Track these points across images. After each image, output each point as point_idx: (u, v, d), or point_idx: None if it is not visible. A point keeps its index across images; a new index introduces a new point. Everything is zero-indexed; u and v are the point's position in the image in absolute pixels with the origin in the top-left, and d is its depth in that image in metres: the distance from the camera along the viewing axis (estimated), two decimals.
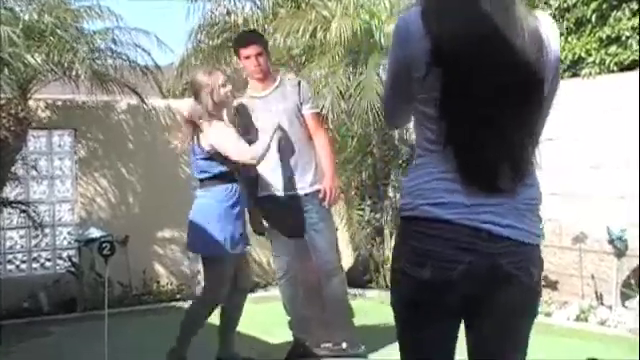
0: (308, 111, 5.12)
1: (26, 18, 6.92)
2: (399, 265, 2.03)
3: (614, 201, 6.35)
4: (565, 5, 7.19)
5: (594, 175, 6.52)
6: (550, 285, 6.66)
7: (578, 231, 6.55)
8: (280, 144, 5.00)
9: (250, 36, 5.39)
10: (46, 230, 7.67)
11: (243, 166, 4.78)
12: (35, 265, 7.72)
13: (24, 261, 7.68)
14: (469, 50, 1.85)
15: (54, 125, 7.74)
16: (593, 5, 6.92)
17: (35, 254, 7.73)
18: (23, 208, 7.24)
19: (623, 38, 6.74)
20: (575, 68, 7.00)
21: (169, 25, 14.95)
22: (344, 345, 5.25)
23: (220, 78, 4.65)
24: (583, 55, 6.95)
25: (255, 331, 6.01)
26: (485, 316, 2.00)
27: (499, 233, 1.90)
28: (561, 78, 2.04)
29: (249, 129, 4.98)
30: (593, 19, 6.93)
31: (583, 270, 6.61)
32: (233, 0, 9.30)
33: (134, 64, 7.46)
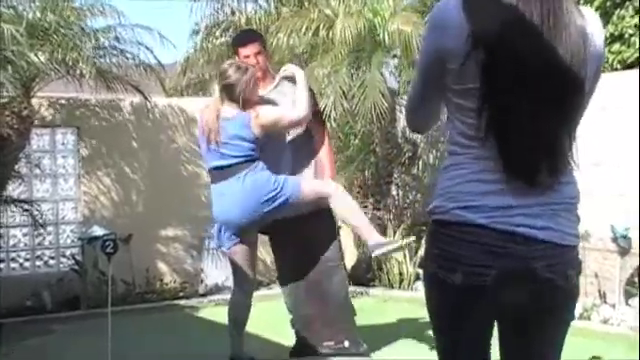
0: None
1: (30, 17, 6.93)
2: (431, 270, 1.98)
3: (617, 199, 6.34)
4: None
5: (597, 173, 6.51)
6: None
7: (582, 229, 6.53)
8: (282, 141, 5.01)
9: (249, 35, 5.42)
10: (49, 228, 7.69)
11: None
12: (38, 263, 7.74)
13: (27, 259, 7.70)
14: (513, 38, 1.80)
15: (57, 123, 7.76)
16: (596, 3, 6.92)
17: (38, 252, 7.75)
18: (26, 207, 7.26)
19: (626, 36, 6.74)
20: None
21: (172, 23, 14.96)
22: (346, 343, 5.23)
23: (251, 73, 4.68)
24: None
25: (260, 330, 6.02)
26: (520, 321, 1.96)
27: (534, 236, 1.85)
28: None
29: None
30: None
31: (586, 268, 6.59)
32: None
33: (137, 62, 7.46)
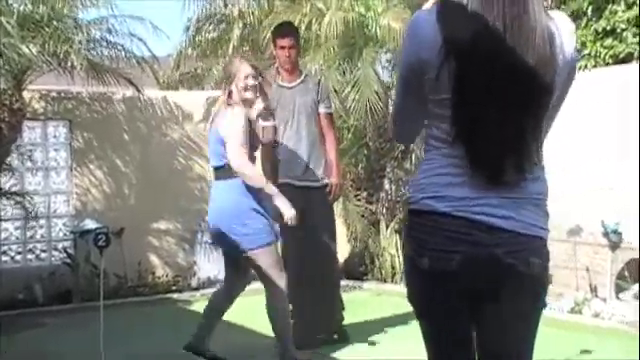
0: (323, 110, 5.36)
1: (21, 9, 6.90)
2: (407, 255, 2.14)
3: (608, 193, 6.36)
4: None
5: (587, 168, 6.53)
6: None
7: (573, 224, 6.57)
8: (300, 135, 5.21)
9: (288, 28, 5.59)
10: (41, 221, 7.67)
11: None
12: (30, 256, 7.72)
13: (19, 252, 7.68)
14: (481, 47, 1.89)
15: (49, 116, 7.73)
16: None
17: (30, 245, 7.73)
18: (18, 199, 7.23)
19: (618, 30, 6.75)
20: None
21: (165, 16, 14.92)
22: (335, 336, 5.32)
23: (242, 68, 4.56)
24: (579, 47, 6.95)
25: (252, 323, 6.02)
26: (488, 308, 2.04)
27: (496, 224, 1.94)
28: None
29: (274, 116, 5.17)
30: (589, 12, 6.94)
31: (577, 262, 6.63)
32: None
33: (130, 54, 7.43)
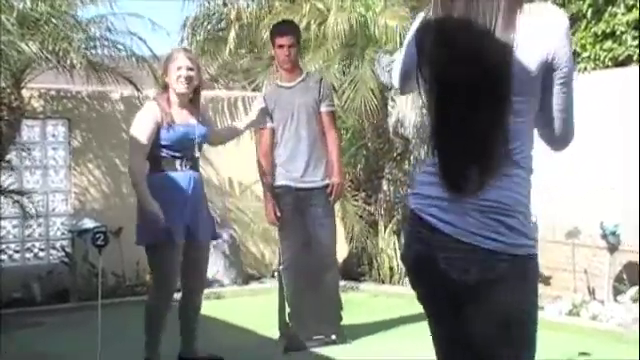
0: (325, 108, 5.29)
1: (20, 7, 6.88)
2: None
3: (608, 194, 6.36)
4: (561, 0, 7.20)
5: (586, 169, 6.53)
6: (543, 280, 6.68)
7: (571, 226, 6.57)
8: (300, 136, 5.18)
9: (287, 27, 5.52)
10: (39, 220, 7.66)
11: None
12: (28, 255, 7.71)
13: (17, 251, 7.67)
14: (441, 50, 1.96)
15: (48, 115, 7.72)
16: (589, 0, 6.93)
17: (28, 244, 7.72)
18: (16, 198, 7.22)
19: (618, 33, 6.75)
20: None
21: (165, 14, 14.94)
22: (333, 337, 5.32)
23: (176, 60, 4.49)
24: (578, 50, 6.96)
25: (250, 323, 6.02)
26: (462, 307, 2.05)
27: (438, 227, 1.98)
28: None
29: (271, 118, 5.23)
30: (588, 14, 6.94)
31: (576, 265, 6.63)
32: None
33: (129, 53, 7.42)
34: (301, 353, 5.14)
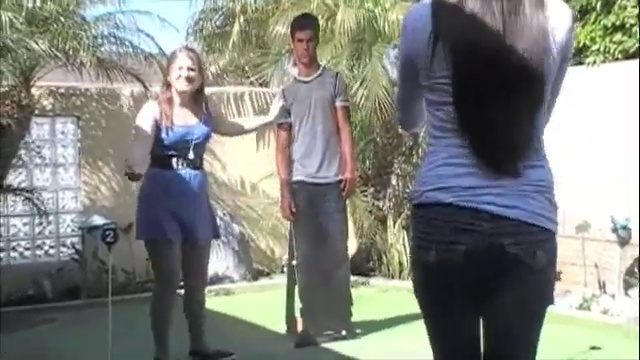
0: (340, 103, 5.31)
1: (29, 5, 6.90)
2: (412, 251, 2.14)
3: (617, 189, 6.33)
4: None
5: (597, 162, 6.51)
6: None
7: (581, 220, 6.55)
8: (316, 131, 5.20)
9: (307, 21, 5.52)
10: (50, 217, 7.68)
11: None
12: (39, 252, 7.74)
13: (28, 248, 7.70)
14: (475, 35, 1.92)
15: (57, 112, 7.74)
16: None
17: (39, 241, 7.75)
18: (27, 195, 7.24)
19: (628, 26, 6.71)
20: (580, 56, 6.97)
21: (173, 12, 14.96)
22: (343, 332, 5.33)
23: (181, 61, 4.48)
24: (588, 43, 6.92)
25: (259, 319, 6.03)
26: (493, 303, 2.02)
27: (501, 213, 1.92)
28: None
29: (290, 113, 5.26)
30: (598, 7, 6.90)
31: (586, 259, 6.61)
32: None
33: (138, 50, 7.43)
34: (312, 348, 5.15)
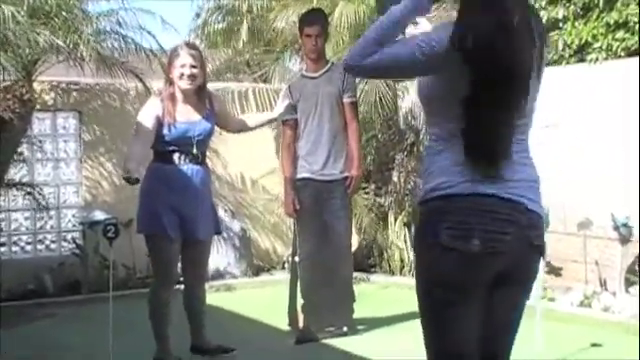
0: (348, 99, 5.28)
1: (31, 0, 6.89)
2: (437, 241, 2.06)
3: (619, 187, 6.32)
4: None
5: (600, 161, 6.50)
6: (554, 271, 6.66)
7: (583, 217, 6.54)
8: (322, 128, 5.18)
9: (316, 16, 5.50)
10: (51, 212, 7.69)
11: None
12: (40, 247, 7.75)
13: (29, 243, 7.71)
14: (491, 47, 2.00)
15: (59, 107, 7.74)
16: None
17: (40, 236, 7.76)
18: (28, 190, 7.25)
19: (631, 23, 6.70)
20: (582, 53, 6.95)
21: (174, 7, 14.94)
22: (345, 329, 5.33)
23: (183, 59, 4.46)
24: (590, 40, 6.90)
25: (260, 315, 6.03)
26: (502, 292, 2.11)
27: (530, 207, 2.06)
28: (567, 63, 2.13)
29: (296, 109, 5.24)
30: (600, 4, 6.88)
31: (587, 256, 6.61)
32: None
33: (139, 47, 7.43)
34: (313, 344, 5.15)
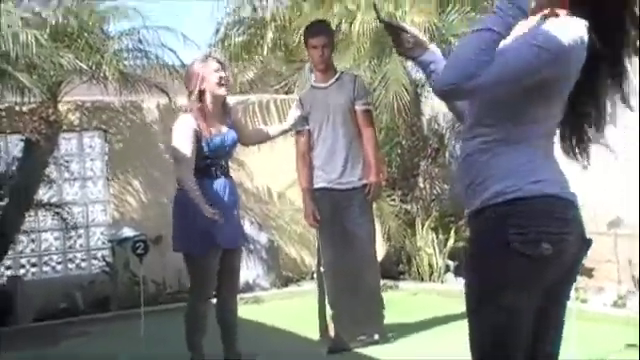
0: (360, 107, 5.27)
1: (53, 22, 6.99)
2: (506, 246, 2.00)
3: None
4: None
5: (627, 158, 6.42)
6: (585, 272, 6.58)
7: (613, 215, 6.46)
8: (336, 136, 5.19)
9: (320, 27, 5.49)
10: (80, 231, 7.76)
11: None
12: (70, 266, 7.82)
13: (59, 262, 7.78)
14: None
15: (84, 127, 7.82)
16: None
17: (70, 255, 7.83)
18: (57, 210, 7.33)
19: None
20: None
21: (194, 22, 15.02)
22: (376, 337, 5.30)
23: (213, 65, 4.54)
24: None
25: (289, 325, 6.03)
26: (561, 286, 2.15)
27: (576, 202, 2.09)
28: None
29: (307, 120, 5.24)
30: None
31: (619, 255, 6.53)
32: None
33: (161, 63, 7.49)
34: (345, 354, 5.14)
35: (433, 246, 7.59)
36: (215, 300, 4.78)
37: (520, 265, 2.00)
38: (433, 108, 8.12)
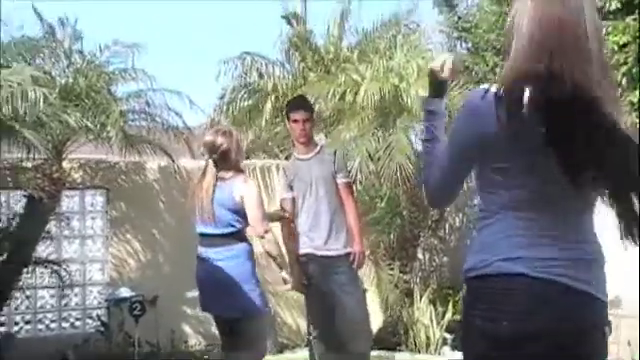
0: (340, 180, 5.41)
1: (63, 82, 7.11)
2: (472, 323, 2.00)
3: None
4: None
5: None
6: None
7: (612, 295, 6.41)
8: (320, 205, 5.29)
9: (300, 102, 5.71)
10: (76, 289, 7.72)
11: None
12: (65, 325, 7.75)
13: (54, 320, 7.71)
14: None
15: (87, 185, 7.85)
16: (623, 70, 6.91)
17: (65, 313, 7.77)
18: (55, 268, 7.30)
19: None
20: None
21: (200, 84, 15.29)
22: None
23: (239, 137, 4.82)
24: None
25: None
26: None
27: (574, 286, 1.91)
28: None
29: (291, 188, 5.39)
30: (624, 83, 6.92)
31: (620, 336, 6.45)
32: (264, 64, 9.47)
33: (166, 125, 7.59)
34: None
35: (431, 318, 7.54)
36: None
37: (484, 342, 1.96)
38: None
